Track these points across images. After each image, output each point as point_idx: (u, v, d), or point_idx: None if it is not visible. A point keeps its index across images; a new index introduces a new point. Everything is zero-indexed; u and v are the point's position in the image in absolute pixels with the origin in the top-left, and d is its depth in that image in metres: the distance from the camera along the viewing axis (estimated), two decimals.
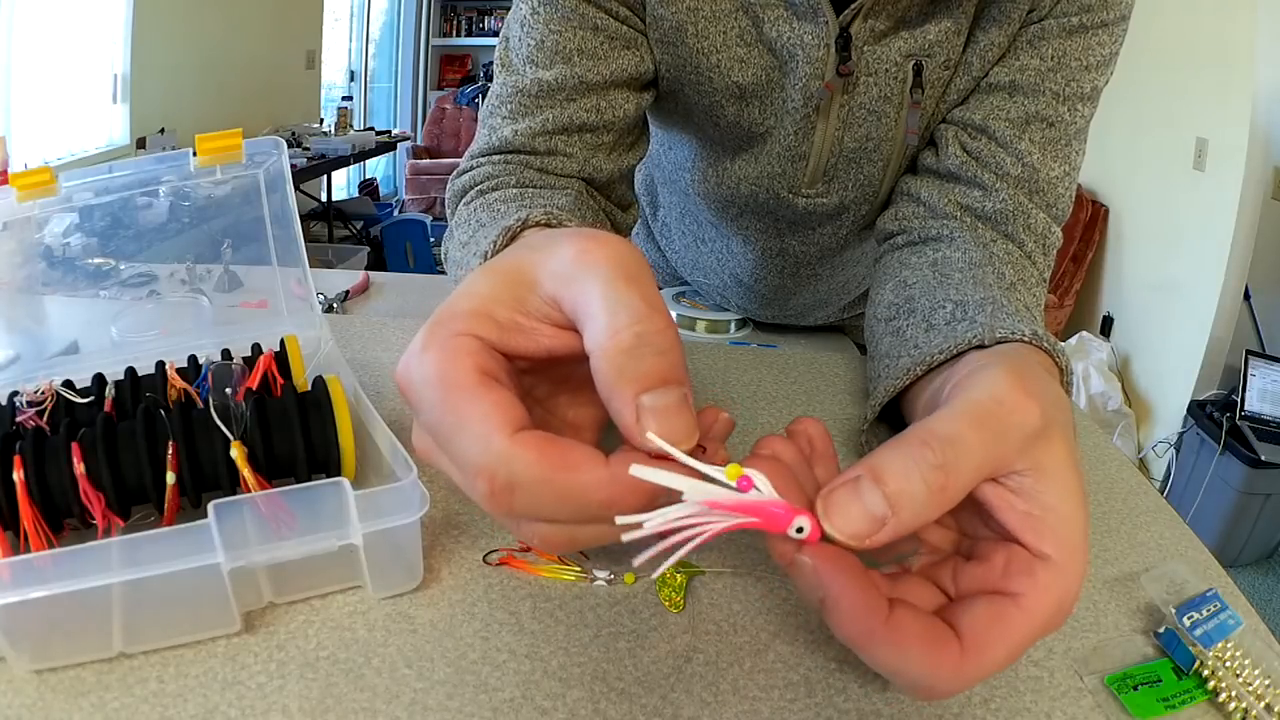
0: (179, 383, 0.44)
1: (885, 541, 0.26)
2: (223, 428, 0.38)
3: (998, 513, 0.29)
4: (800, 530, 0.26)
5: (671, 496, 0.25)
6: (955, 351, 0.42)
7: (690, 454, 0.26)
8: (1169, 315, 2.70)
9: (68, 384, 0.44)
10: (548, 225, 0.41)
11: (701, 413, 0.30)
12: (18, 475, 0.35)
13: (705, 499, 0.25)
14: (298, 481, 0.40)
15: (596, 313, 0.27)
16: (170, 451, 0.38)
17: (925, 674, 0.26)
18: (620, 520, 0.25)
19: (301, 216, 0.63)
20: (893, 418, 0.49)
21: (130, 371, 0.45)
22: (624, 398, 0.26)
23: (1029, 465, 0.28)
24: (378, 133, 4.49)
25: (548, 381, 0.34)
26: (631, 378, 0.26)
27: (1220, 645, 0.36)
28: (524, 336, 0.30)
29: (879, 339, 0.53)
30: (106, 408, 0.42)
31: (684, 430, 0.26)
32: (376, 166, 5.62)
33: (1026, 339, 0.41)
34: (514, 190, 0.55)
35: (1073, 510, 0.28)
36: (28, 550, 0.36)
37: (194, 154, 0.47)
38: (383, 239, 4.23)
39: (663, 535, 0.25)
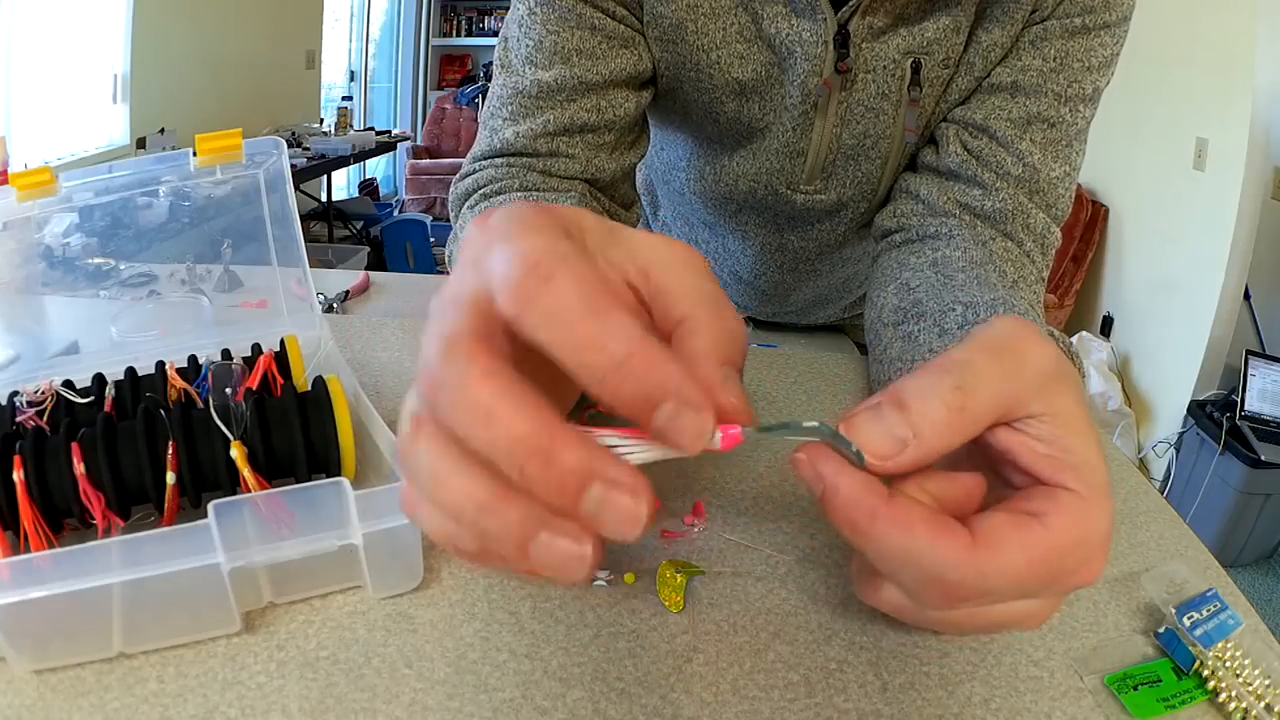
0: (179, 383, 0.44)
1: (910, 465, 0.27)
2: (223, 428, 0.38)
3: (1019, 457, 0.29)
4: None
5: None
6: None
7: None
8: (1169, 315, 2.69)
9: (68, 384, 0.44)
10: None
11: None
12: (18, 475, 0.35)
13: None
14: (297, 481, 0.41)
15: (700, 303, 0.28)
16: (170, 451, 0.38)
17: (933, 557, 0.26)
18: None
19: (301, 216, 0.63)
20: None
21: (130, 371, 0.45)
22: (714, 367, 0.27)
23: (1045, 410, 0.29)
24: (378, 133, 4.48)
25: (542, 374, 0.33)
26: (722, 358, 0.28)
27: (1220, 645, 0.36)
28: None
29: (887, 343, 0.53)
30: (106, 408, 0.42)
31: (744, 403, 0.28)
32: (376, 166, 5.61)
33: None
34: (518, 195, 0.55)
35: (1093, 456, 0.28)
36: (28, 550, 0.36)
37: (194, 154, 0.47)
38: (383, 239, 4.22)
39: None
